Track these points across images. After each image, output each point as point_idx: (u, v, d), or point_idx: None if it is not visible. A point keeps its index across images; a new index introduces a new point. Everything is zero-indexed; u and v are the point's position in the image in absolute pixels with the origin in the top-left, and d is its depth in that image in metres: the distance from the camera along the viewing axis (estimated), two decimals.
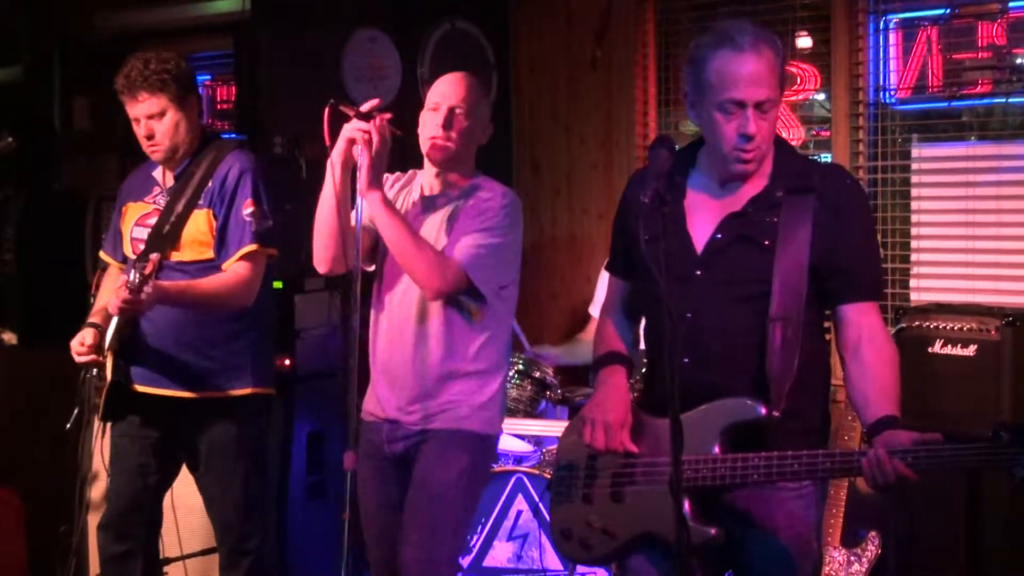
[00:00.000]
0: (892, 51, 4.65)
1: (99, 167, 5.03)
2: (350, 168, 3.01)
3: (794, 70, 4.83)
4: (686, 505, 2.51)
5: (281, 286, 4.34)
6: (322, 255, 3.17)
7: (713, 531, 2.51)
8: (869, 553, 4.04)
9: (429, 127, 3.16)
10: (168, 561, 4.07)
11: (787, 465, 2.44)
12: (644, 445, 2.65)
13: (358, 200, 3.00)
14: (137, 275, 3.28)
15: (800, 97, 4.86)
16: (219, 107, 5.99)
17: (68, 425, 3.55)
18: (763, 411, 2.48)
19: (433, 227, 3.17)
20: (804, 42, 4.88)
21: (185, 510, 3.88)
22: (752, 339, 2.53)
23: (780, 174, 2.58)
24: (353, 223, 3.01)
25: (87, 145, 5.11)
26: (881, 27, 4.65)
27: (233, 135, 5.64)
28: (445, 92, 3.17)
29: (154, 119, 3.54)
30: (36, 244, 4.75)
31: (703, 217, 2.60)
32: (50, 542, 4.18)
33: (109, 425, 3.64)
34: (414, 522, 3.11)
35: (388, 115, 3.00)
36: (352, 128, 2.96)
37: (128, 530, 3.67)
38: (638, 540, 2.65)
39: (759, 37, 2.52)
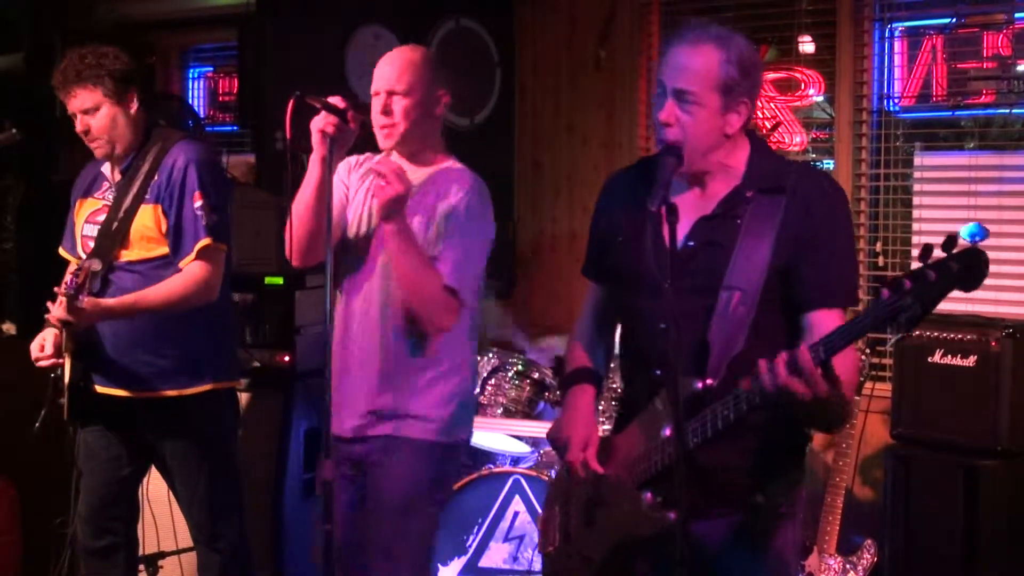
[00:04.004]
0: (897, 59, 4.65)
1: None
2: (327, 161, 2.97)
3: (797, 75, 4.83)
4: (647, 496, 2.51)
5: (282, 282, 4.34)
6: (297, 249, 3.12)
7: (672, 515, 2.43)
8: (865, 561, 4.04)
9: (374, 114, 3.11)
10: (163, 555, 4.07)
11: (714, 417, 2.38)
12: (612, 463, 2.64)
13: (335, 193, 2.98)
14: (72, 287, 3.26)
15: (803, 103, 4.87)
16: (221, 99, 5.99)
17: (36, 425, 3.53)
18: (699, 384, 2.43)
19: (414, 223, 3.10)
20: (808, 47, 4.88)
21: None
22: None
23: (752, 174, 2.53)
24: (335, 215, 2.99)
25: None
26: (886, 35, 4.65)
27: (235, 128, 5.66)
28: (380, 76, 3.12)
29: (89, 114, 3.49)
30: (35, 234, 4.73)
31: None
32: (45, 533, 4.18)
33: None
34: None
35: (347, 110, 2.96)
36: (322, 120, 2.93)
37: (107, 524, 3.66)
38: (614, 559, 2.62)
39: (706, 35, 2.48)
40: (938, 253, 2.10)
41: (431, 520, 3.19)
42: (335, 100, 2.93)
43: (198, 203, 3.46)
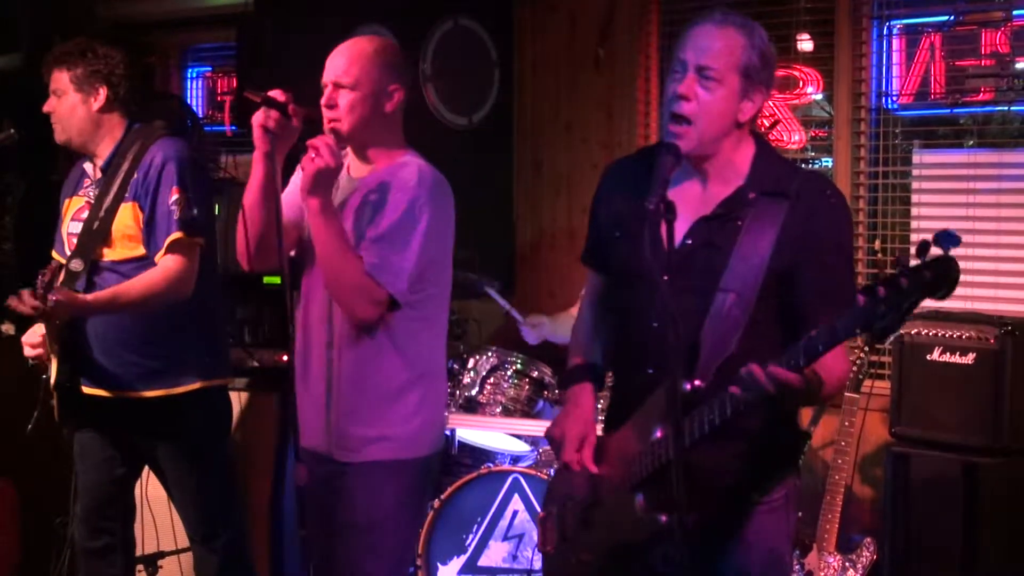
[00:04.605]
0: (895, 57, 4.64)
1: None
2: (270, 157, 2.83)
3: (796, 73, 4.83)
4: (640, 499, 2.51)
5: (279, 281, 4.33)
6: (242, 250, 3.00)
7: (664, 518, 2.44)
8: (864, 559, 4.04)
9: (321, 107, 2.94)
10: (163, 555, 4.07)
11: (700, 421, 2.38)
12: (607, 464, 2.63)
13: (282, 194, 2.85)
14: (41, 285, 3.27)
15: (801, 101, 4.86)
16: (219, 98, 5.99)
17: (29, 427, 3.53)
18: (687, 386, 2.40)
19: (350, 216, 2.96)
20: (806, 45, 4.88)
21: None
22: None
23: (756, 176, 2.53)
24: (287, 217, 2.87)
25: None
26: (884, 33, 4.64)
27: (234, 128, 5.66)
28: (329, 66, 2.95)
29: (57, 96, 3.52)
30: (35, 234, 4.72)
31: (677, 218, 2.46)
32: (44, 533, 4.19)
33: None
34: None
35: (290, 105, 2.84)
36: (262, 115, 2.80)
37: (103, 525, 3.67)
38: (610, 560, 2.62)
39: (731, 18, 2.50)
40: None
41: (405, 535, 3.07)
42: (275, 93, 2.81)
43: (173, 198, 3.43)
